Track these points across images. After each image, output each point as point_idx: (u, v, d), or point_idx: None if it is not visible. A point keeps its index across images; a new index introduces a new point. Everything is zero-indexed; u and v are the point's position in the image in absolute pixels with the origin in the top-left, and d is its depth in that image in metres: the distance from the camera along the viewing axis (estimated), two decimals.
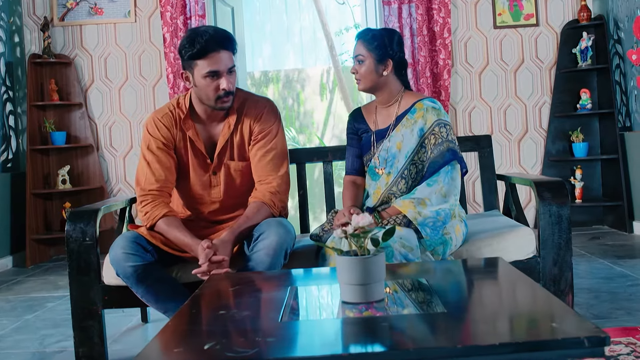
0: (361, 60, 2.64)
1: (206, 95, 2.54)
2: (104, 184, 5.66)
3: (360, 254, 1.62)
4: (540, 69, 5.61)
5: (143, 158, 2.67)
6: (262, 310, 1.63)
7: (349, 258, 1.59)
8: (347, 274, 1.59)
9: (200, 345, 1.30)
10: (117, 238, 2.55)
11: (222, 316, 1.55)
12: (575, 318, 1.36)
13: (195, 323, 1.52)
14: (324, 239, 2.55)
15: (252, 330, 1.43)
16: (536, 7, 5.57)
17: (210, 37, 2.48)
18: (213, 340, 1.34)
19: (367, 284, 1.58)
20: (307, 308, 1.64)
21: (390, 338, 1.35)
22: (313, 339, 1.40)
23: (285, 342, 1.37)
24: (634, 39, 4.99)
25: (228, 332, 1.41)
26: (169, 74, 5.54)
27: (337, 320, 1.52)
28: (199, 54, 2.48)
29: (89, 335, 2.65)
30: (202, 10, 5.49)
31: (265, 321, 1.49)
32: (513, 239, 2.61)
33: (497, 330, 1.37)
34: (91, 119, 5.70)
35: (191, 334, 1.43)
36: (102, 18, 5.66)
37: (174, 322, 1.50)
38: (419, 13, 5.47)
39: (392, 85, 2.68)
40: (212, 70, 2.49)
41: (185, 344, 1.35)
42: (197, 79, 2.53)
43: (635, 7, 4.96)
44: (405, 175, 2.60)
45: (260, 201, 2.58)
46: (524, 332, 1.35)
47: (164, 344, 1.36)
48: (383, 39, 2.63)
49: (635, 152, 5.11)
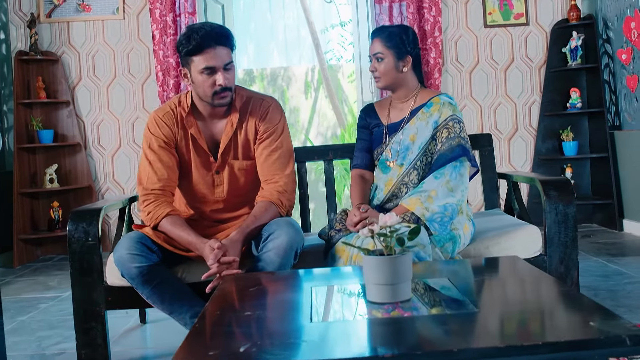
0: (380, 57, 2.63)
1: (203, 91, 2.51)
2: (92, 183, 5.59)
3: (387, 253, 1.60)
4: (530, 68, 5.64)
5: (145, 157, 2.63)
6: (288, 311, 1.60)
7: (377, 258, 1.57)
8: (374, 274, 1.57)
9: (235, 348, 1.28)
10: (122, 238, 2.51)
11: (249, 317, 1.52)
12: (611, 317, 1.35)
13: (223, 325, 1.49)
14: (335, 239, 2.52)
15: (284, 332, 1.41)
16: (526, 6, 5.60)
17: (206, 33, 2.46)
18: (246, 342, 1.31)
19: (395, 284, 1.56)
20: (333, 308, 1.61)
21: (431, 339, 1.33)
22: (350, 340, 1.37)
23: (322, 343, 1.34)
24: (624, 38, 5.04)
25: (260, 334, 1.39)
26: (158, 71, 5.48)
27: (370, 321, 1.49)
28: (195, 50, 2.46)
29: (92, 337, 2.60)
30: (191, 7, 5.44)
31: (295, 322, 1.47)
32: (520, 237, 2.61)
33: (536, 330, 1.36)
34: (79, 117, 5.62)
35: (222, 336, 1.40)
36: (89, 15, 5.59)
37: (201, 324, 1.46)
38: (409, 12, 5.47)
39: (410, 82, 2.69)
40: (207, 66, 2.46)
41: (218, 346, 1.32)
42: (194, 75, 2.50)
43: (625, 7, 5.01)
44: (418, 166, 2.61)
45: (268, 200, 2.55)
46: (565, 331, 1.34)
47: (196, 346, 1.32)
48: (400, 35, 2.63)
49: (625, 151, 5.16)
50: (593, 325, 1.31)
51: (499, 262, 2.11)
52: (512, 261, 2.04)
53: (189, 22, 5.42)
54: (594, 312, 1.42)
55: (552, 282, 1.73)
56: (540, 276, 1.79)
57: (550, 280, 1.74)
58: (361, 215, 2.47)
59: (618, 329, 1.26)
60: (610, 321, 1.32)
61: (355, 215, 2.48)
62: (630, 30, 4.92)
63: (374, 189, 2.72)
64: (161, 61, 5.47)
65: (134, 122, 5.65)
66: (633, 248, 4.55)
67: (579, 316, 1.44)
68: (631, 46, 4.95)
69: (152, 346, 3.06)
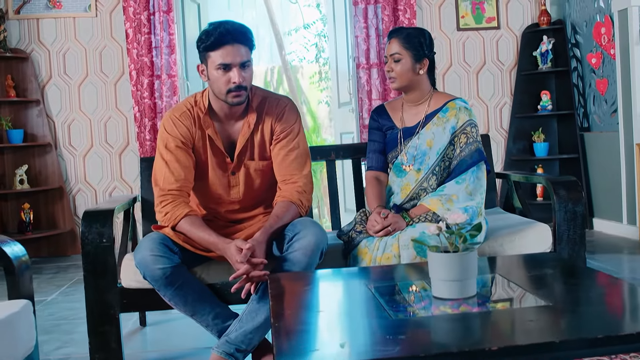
0: (398, 58, 2.65)
1: (218, 88, 2.49)
2: (63, 184, 5.45)
3: (452, 250, 1.64)
4: (501, 71, 5.78)
5: (161, 157, 2.58)
6: (361, 308, 1.61)
7: (445, 255, 1.60)
8: (441, 270, 1.60)
9: (334, 343, 1.28)
10: (143, 239, 2.46)
11: (325, 316, 1.52)
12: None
13: (303, 323, 1.49)
14: (357, 241, 2.54)
15: (375, 328, 1.41)
16: (497, 10, 5.74)
17: (225, 29, 2.44)
18: (339, 339, 1.32)
19: (463, 280, 1.59)
20: (403, 304, 1.63)
21: (528, 332, 1.35)
22: (447, 334, 1.40)
23: (421, 338, 1.37)
24: (594, 43, 5.22)
25: (348, 331, 1.39)
26: (132, 70, 5.39)
27: (457, 316, 1.51)
28: (212, 45, 2.44)
29: (105, 340, 2.55)
30: (166, 6, 5.37)
31: (378, 319, 1.48)
32: (532, 235, 2.68)
33: (621, 320, 1.41)
34: (49, 116, 5.48)
35: (309, 333, 1.40)
36: (60, 12, 5.45)
37: (280, 324, 1.45)
38: (385, 14, 5.53)
39: (424, 85, 2.71)
40: (224, 62, 2.44)
41: (316, 343, 1.32)
42: (211, 71, 2.48)
43: (594, 13, 5.19)
44: (437, 171, 2.64)
45: (289, 200, 2.54)
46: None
47: (293, 345, 1.32)
48: (419, 38, 2.65)
49: (594, 152, 5.35)
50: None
51: (538, 258, 2.17)
52: (551, 257, 2.10)
53: (164, 21, 5.35)
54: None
55: (598, 275, 1.79)
56: (587, 271, 1.85)
57: (595, 274, 1.81)
58: (383, 223, 2.49)
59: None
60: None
61: (377, 222, 2.50)
62: (601, 36, 5.11)
63: (388, 191, 2.75)
64: (135, 60, 5.38)
65: (106, 122, 5.54)
66: (604, 245, 4.73)
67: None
68: (601, 50, 5.14)
69: (154, 349, 3.01)
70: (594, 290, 1.70)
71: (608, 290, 1.72)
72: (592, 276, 1.81)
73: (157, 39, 5.39)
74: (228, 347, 2.40)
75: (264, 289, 2.38)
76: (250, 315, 2.40)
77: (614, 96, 4.98)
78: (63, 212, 5.47)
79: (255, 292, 2.38)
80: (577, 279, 1.87)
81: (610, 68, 5.01)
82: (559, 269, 1.99)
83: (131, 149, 5.57)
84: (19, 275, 1.89)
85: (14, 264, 1.87)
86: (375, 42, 5.54)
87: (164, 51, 5.38)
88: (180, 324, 3.29)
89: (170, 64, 5.42)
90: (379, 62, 5.54)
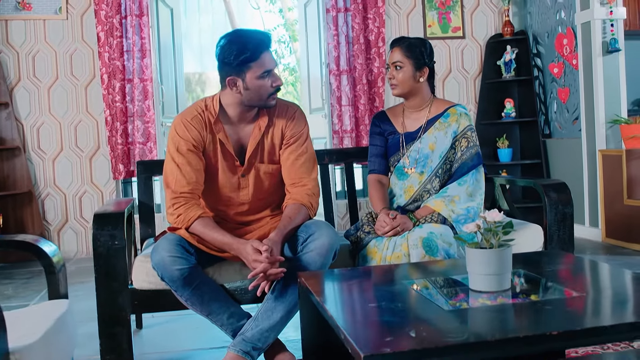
0: (399, 66, 2.78)
1: (259, 95, 2.56)
2: (32, 188, 5.38)
3: (489, 246, 1.76)
4: (466, 79, 5.99)
5: (172, 160, 2.63)
6: (411, 302, 1.71)
7: (484, 250, 1.72)
8: (479, 265, 1.72)
9: (404, 332, 1.37)
10: (160, 241, 2.50)
11: (380, 308, 1.61)
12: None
13: (364, 315, 1.58)
14: (365, 241, 2.64)
15: (434, 319, 1.51)
16: (463, 20, 5.95)
17: (259, 39, 2.53)
18: (406, 329, 1.41)
19: (499, 274, 1.72)
20: (445, 298, 1.74)
21: (576, 319, 1.47)
22: (504, 322, 1.51)
23: (482, 325, 1.47)
24: (556, 53, 5.48)
25: (413, 322, 1.49)
26: (104, 74, 5.37)
27: (503, 307, 1.62)
28: (252, 56, 2.51)
29: (117, 342, 2.56)
30: (138, 9, 5.37)
31: (433, 310, 1.58)
32: (526, 235, 2.84)
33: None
34: (18, 119, 5.40)
35: (375, 325, 1.48)
36: (30, 14, 5.38)
37: (339, 317, 1.54)
38: (355, 22, 5.66)
39: (424, 92, 2.85)
40: (267, 69, 2.54)
41: (386, 333, 1.41)
42: (251, 81, 2.54)
43: (556, 25, 5.44)
44: (439, 174, 2.77)
45: (300, 203, 2.63)
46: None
47: (364, 336, 1.40)
48: (420, 47, 2.79)
49: (555, 157, 5.60)
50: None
51: (550, 255, 2.31)
52: (560, 254, 2.24)
53: (136, 25, 5.35)
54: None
55: (611, 268, 1.95)
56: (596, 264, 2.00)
57: (609, 267, 1.96)
58: (392, 224, 2.60)
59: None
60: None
61: (386, 222, 2.61)
62: (563, 46, 5.36)
63: (389, 193, 2.86)
64: (107, 64, 5.36)
65: (76, 126, 5.49)
66: None
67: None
68: (563, 60, 5.39)
69: (151, 352, 3.03)
70: (614, 281, 1.84)
71: (630, 282, 1.86)
72: (605, 270, 1.96)
73: (129, 42, 5.38)
74: (245, 345, 2.46)
75: (280, 288, 2.46)
76: (266, 313, 2.47)
77: (576, 104, 5.24)
78: (32, 216, 5.39)
79: (271, 291, 2.45)
80: (594, 273, 2.02)
81: (572, 77, 5.27)
82: (571, 264, 2.14)
83: (102, 152, 5.53)
84: (58, 275, 1.92)
85: (54, 264, 1.90)
86: (345, 49, 5.66)
87: (136, 55, 5.38)
88: (176, 327, 3.31)
89: (143, 67, 5.41)
90: (349, 68, 5.67)
